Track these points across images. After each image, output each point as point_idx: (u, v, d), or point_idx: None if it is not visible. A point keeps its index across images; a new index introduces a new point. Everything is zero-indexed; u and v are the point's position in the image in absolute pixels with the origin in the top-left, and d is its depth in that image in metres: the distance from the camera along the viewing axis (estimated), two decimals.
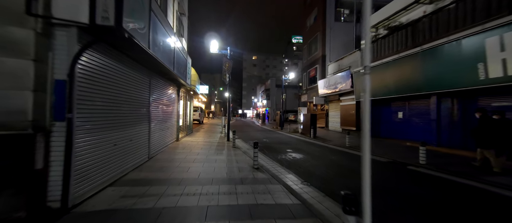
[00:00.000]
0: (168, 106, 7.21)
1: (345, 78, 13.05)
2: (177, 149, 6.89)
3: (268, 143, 9.43)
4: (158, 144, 6.14)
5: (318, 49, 19.57)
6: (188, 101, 11.20)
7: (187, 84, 8.03)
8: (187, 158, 5.76)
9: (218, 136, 11.31)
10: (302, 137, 11.82)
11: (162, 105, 6.47)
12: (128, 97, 4.23)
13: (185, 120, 10.45)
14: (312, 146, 8.99)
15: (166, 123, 6.99)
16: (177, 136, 8.39)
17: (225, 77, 9.05)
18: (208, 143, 8.51)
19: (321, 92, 16.41)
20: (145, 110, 5.16)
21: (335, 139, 11.00)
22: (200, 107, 22.64)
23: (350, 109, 13.16)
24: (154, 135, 5.74)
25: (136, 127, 4.66)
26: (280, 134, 13.89)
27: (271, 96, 36.99)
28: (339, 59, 15.08)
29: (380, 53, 10.19)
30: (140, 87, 4.80)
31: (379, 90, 10.07)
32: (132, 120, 4.45)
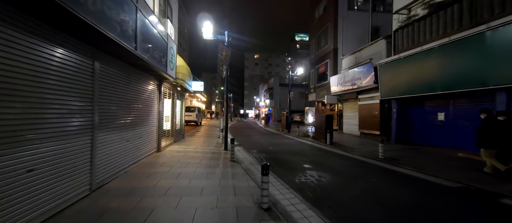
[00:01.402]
0: (142, 105, 5.24)
1: (366, 73, 10.99)
2: (152, 167, 4.90)
3: (276, 153, 7.42)
4: (117, 162, 4.16)
5: (328, 42, 17.50)
6: (177, 100, 9.23)
7: (171, 77, 6.05)
8: (160, 184, 3.77)
9: (215, 142, 9.32)
10: (315, 143, 9.79)
11: (127, 104, 4.49)
12: (44, 93, 2.27)
13: (173, 123, 8.48)
14: (334, 157, 6.95)
15: (138, 129, 5.02)
16: (159, 145, 6.41)
17: (222, 69, 7.06)
18: (199, 154, 6.52)
19: (333, 89, 14.35)
20: (88, 112, 3.18)
21: (357, 146, 8.94)
22: (198, 107, 20.71)
23: (372, 109, 11.09)
24: (107, 149, 3.76)
25: (59, 141, 2.68)
26: (288, 138, 11.87)
27: (274, 96, 34.97)
28: (356, 51, 13.01)
29: (417, 39, 8.11)
30: (70, 75, 2.83)
31: (416, 86, 7.99)
32: (49, 130, 2.48)
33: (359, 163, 6.17)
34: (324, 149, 8.37)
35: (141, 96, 5.16)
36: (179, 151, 6.88)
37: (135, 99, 4.85)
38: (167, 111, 8.14)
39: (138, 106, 5.02)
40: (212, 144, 8.58)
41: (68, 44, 2.80)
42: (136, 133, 4.96)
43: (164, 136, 7.31)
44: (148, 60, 4.08)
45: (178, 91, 8.83)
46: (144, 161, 5.29)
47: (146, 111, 5.52)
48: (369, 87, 10.96)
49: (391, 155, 6.86)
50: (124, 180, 3.89)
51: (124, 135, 4.43)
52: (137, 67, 4.75)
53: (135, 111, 4.90)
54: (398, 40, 8.99)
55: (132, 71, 4.66)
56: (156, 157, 5.75)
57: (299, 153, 7.44)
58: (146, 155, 5.54)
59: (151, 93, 5.86)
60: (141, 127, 5.24)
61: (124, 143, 4.41)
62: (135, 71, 4.81)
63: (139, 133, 5.13)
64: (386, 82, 9.57)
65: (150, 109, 5.79)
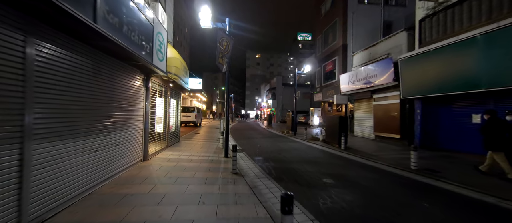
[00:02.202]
0: (120, 104, 4.12)
1: (383, 69, 9.83)
2: (129, 185, 3.77)
3: (285, 161, 6.27)
4: (75, 182, 3.04)
5: (337, 38, 16.36)
6: (172, 99, 8.12)
7: (160, 70, 4.93)
8: (131, 218, 2.64)
9: (214, 147, 8.20)
10: (327, 148, 8.63)
11: (94, 102, 3.37)
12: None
13: (166, 125, 7.36)
14: (355, 167, 5.80)
15: (113, 135, 3.90)
16: (145, 153, 5.29)
17: (221, 62, 5.93)
18: (194, 164, 5.40)
19: (344, 88, 13.19)
20: (12, 113, 2.07)
21: (376, 152, 7.78)
22: (197, 107, 19.60)
23: (390, 109, 9.92)
24: (54, 167, 2.65)
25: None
26: (295, 142, 10.72)
27: (277, 96, 33.82)
28: (370, 46, 11.85)
29: (451, 27, 6.94)
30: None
31: (449, 82, 6.83)
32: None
33: (390, 176, 5.01)
34: (340, 156, 7.21)
35: (118, 93, 4.05)
36: (170, 159, 5.76)
37: (108, 96, 3.73)
38: (160, 111, 7.03)
39: (113, 105, 3.90)
40: (210, 150, 7.46)
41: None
42: (110, 140, 3.83)
43: (154, 140, 6.19)
44: (118, 40, 2.95)
45: (172, 89, 7.71)
46: (123, 175, 4.17)
47: (127, 111, 4.40)
48: (387, 85, 9.81)
49: (424, 165, 5.69)
50: (80, 211, 2.76)
51: (90, 144, 3.30)
52: (110, 53, 3.63)
53: (109, 111, 3.78)
54: (425, 31, 7.83)
55: (104, 58, 3.54)
56: (139, 169, 4.62)
57: (312, 162, 6.29)
58: (126, 166, 4.42)
59: (135, 90, 4.75)
60: (119, 131, 4.12)
61: (90, 155, 3.29)
62: (109, 60, 3.70)
63: (116, 140, 4.01)
64: (409, 79, 8.41)
65: (133, 109, 4.67)
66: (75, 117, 2.99)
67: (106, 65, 3.64)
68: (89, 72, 3.21)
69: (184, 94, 26.11)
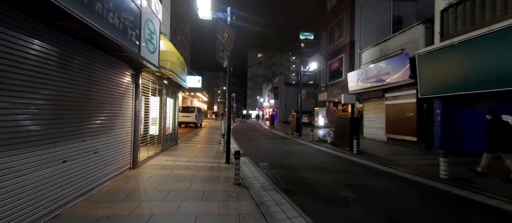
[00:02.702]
0: (102, 103, 3.46)
1: (398, 66, 9.09)
2: (108, 202, 3.10)
3: (294, 168, 5.57)
4: (33, 203, 2.38)
5: (344, 34, 15.61)
6: (169, 98, 7.46)
7: (150, 64, 4.25)
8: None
9: (214, 150, 7.52)
10: (338, 152, 7.91)
11: (64, 101, 2.70)
12: None
13: (162, 127, 6.70)
14: (375, 176, 5.07)
15: (91, 140, 3.23)
16: (134, 159, 4.62)
17: (222, 56, 5.24)
18: (191, 172, 4.72)
19: (352, 87, 12.45)
20: None
21: (393, 156, 7.04)
22: (198, 107, 18.96)
23: (405, 109, 9.17)
24: (3, 185, 1.99)
25: None
26: (301, 144, 10.01)
27: (279, 95, 33.08)
28: (381, 42, 11.10)
29: (480, 17, 6.19)
30: None
31: (480, 79, 6.08)
32: None
33: (419, 188, 4.29)
34: (353, 162, 6.49)
35: (99, 90, 3.38)
36: (164, 166, 5.08)
37: (85, 94, 3.06)
38: (154, 111, 6.37)
39: (92, 105, 3.23)
40: (210, 154, 6.78)
41: None
42: (87, 147, 3.16)
43: (146, 144, 5.52)
44: (87, 19, 2.27)
45: (168, 87, 7.04)
46: (104, 188, 3.49)
47: (110, 112, 3.73)
48: (401, 84, 9.06)
49: (453, 173, 4.95)
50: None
51: (59, 153, 2.64)
52: (85, 40, 2.95)
53: (85, 112, 3.11)
54: (449, 22, 7.08)
55: (77, 47, 2.87)
56: (125, 180, 3.94)
57: (324, 168, 5.58)
58: (109, 177, 3.75)
59: (121, 87, 4.08)
60: (99, 136, 3.44)
61: (58, 166, 2.62)
62: (85, 49, 3.02)
63: (94, 146, 3.34)
64: (428, 76, 7.66)
65: (118, 110, 4.00)
66: (39, 120, 2.33)
67: (81, 56, 2.97)
68: (56, 63, 2.55)
69: (184, 94, 25.48)
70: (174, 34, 33.75)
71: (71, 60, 2.81)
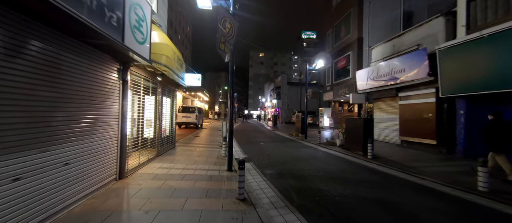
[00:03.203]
0: (75, 103, 2.79)
1: (414, 63, 8.36)
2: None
3: (307, 178, 4.87)
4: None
5: (351, 31, 14.88)
6: (165, 97, 6.80)
7: (139, 56, 3.58)
8: None
9: (215, 154, 6.85)
10: (350, 157, 7.20)
11: (13, 100, 2.03)
12: None
13: (157, 129, 6.03)
14: (401, 187, 4.37)
15: (57, 150, 2.57)
16: (121, 168, 3.95)
17: (223, 48, 4.56)
18: (187, 184, 4.04)
19: (361, 86, 11.72)
20: None
21: (413, 162, 6.32)
22: (198, 107, 18.31)
23: (422, 110, 8.44)
24: None
25: None
26: (308, 147, 9.31)
27: (282, 95, 32.37)
28: (394, 38, 10.38)
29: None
30: None
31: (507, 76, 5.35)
32: None
33: (463, 207, 3.58)
34: (370, 169, 5.79)
35: (70, 87, 2.71)
36: (157, 175, 4.40)
37: (50, 92, 2.39)
38: (148, 112, 5.72)
39: (59, 105, 2.57)
40: (211, 159, 6.11)
41: None
42: (52, 159, 2.50)
43: (138, 149, 4.85)
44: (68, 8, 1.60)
45: (164, 85, 6.37)
46: (77, 208, 2.82)
47: (88, 113, 3.06)
48: (418, 82, 8.33)
49: (492, 185, 4.22)
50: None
51: (7, 169, 1.97)
52: (50, 24, 2.29)
53: (50, 114, 2.44)
54: (477, 13, 6.36)
55: (36, 30, 2.21)
56: (107, 195, 3.27)
57: (340, 178, 4.88)
58: (86, 193, 3.08)
59: (104, 83, 3.41)
60: (71, 143, 2.78)
61: (6, 186, 1.95)
62: (51, 35, 2.36)
63: (64, 157, 2.67)
64: (451, 73, 6.93)
65: (100, 110, 3.33)
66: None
67: (39, 41, 2.30)
68: (2, 51, 1.88)
69: (184, 94, 24.86)
70: (175, 34, 33.15)
71: (24, 46, 2.14)
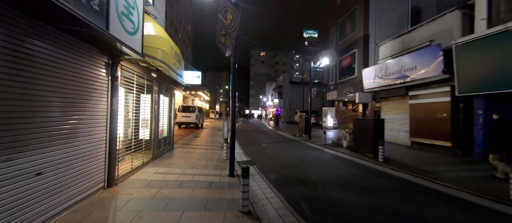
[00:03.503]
0: (49, 100, 2.37)
1: (427, 60, 7.88)
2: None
3: (317, 184, 4.42)
4: None
5: (357, 28, 14.40)
6: (163, 96, 6.38)
7: (129, 47, 3.15)
8: None
9: (216, 157, 6.42)
10: (360, 160, 6.75)
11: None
12: None
13: (153, 130, 5.61)
14: (423, 196, 3.92)
15: (26, 157, 2.14)
16: (110, 174, 3.53)
17: (224, 42, 4.13)
18: (184, 192, 3.61)
19: (368, 85, 11.25)
20: None
21: (430, 166, 5.86)
22: (199, 107, 17.90)
23: (436, 109, 7.96)
24: None
25: None
26: (314, 148, 8.87)
27: (284, 95, 31.91)
28: (404, 33, 9.90)
29: None
30: None
31: None
32: None
33: (495, 219, 3.12)
34: (385, 174, 5.33)
35: (43, 81, 2.28)
36: (151, 182, 3.98)
37: (12, 86, 1.97)
38: (144, 112, 5.29)
39: (29, 105, 2.14)
40: (211, 162, 5.68)
41: None
42: (19, 168, 2.07)
43: (132, 152, 4.43)
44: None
45: (160, 82, 5.95)
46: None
47: (68, 113, 2.64)
48: (431, 80, 7.86)
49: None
50: None
51: None
52: (19, 8, 1.86)
53: (17, 114, 2.01)
54: (500, 3, 5.88)
55: (8, 16, 1.78)
56: (90, 208, 2.84)
57: (354, 184, 4.43)
58: (66, 205, 2.66)
59: (89, 79, 2.99)
60: (45, 149, 2.35)
61: None
62: (13, 16, 1.93)
63: (36, 165, 2.25)
64: (469, 70, 6.46)
65: (82, 110, 2.91)
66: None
67: (6, 28, 1.87)
68: None
69: (185, 93, 24.47)
70: (176, 32, 32.76)
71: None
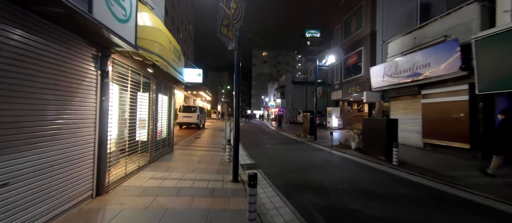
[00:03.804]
0: (21, 97, 1.97)
1: (442, 56, 7.41)
2: None
3: (330, 191, 3.99)
4: None
5: (363, 25, 13.92)
6: (161, 94, 5.99)
7: (119, 37, 2.76)
8: None
9: (218, 160, 6.02)
10: (372, 163, 6.30)
11: None
12: None
13: (150, 130, 5.21)
14: (453, 207, 3.47)
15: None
16: (100, 181, 3.13)
17: (226, 33, 3.72)
18: (183, 202, 3.21)
19: (377, 83, 10.79)
20: None
21: (447, 169, 5.40)
22: (200, 107, 17.53)
23: (452, 109, 7.48)
24: None
25: None
26: (320, 150, 8.43)
27: (286, 94, 31.44)
28: (415, 29, 9.43)
29: None
30: None
31: None
32: None
33: None
34: (403, 179, 4.88)
35: (12, 74, 1.89)
36: (146, 189, 3.57)
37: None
38: (142, 111, 4.91)
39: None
40: (213, 165, 5.28)
41: None
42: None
43: (126, 154, 4.03)
44: None
45: (159, 80, 5.55)
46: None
47: (45, 112, 2.25)
48: (446, 77, 7.38)
49: None
50: None
51: None
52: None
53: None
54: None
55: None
56: (73, 221, 2.44)
57: (371, 192, 4.00)
58: (45, 219, 2.26)
59: (73, 73, 2.60)
60: (16, 154, 1.95)
61: None
62: None
63: (2, 173, 1.85)
64: (490, 67, 5.99)
65: (67, 108, 2.52)
66: None
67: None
68: None
69: (187, 93, 24.14)
70: (177, 32, 32.47)
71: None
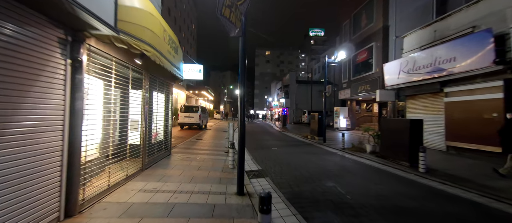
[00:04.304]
0: None
1: (470, 49, 6.63)
2: None
3: (354, 209, 3.27)
4: None
5: (374, 19, 13.13)
6: (157, 92, 5.33)
7: (90, 13, 2.10)
8: None
9: (221, 165, 5.34)
10: (394, 169, 5.57)
11: None
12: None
13: (142, 133, 4.55)
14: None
15: None
16: (70, 199, 2.47)
17: (229, 15, 3.05)
18: (175, 221, 2.52)
19: (391, 81, 10.01)
20: None
21: (486, 178, 4.66)
22: (202, 107, 16.90)
23: (481, 108, 6.69)
24: None
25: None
26: (332, 154, 7.69)
27: (290, 94, 30.68)
28: (436, 21, 8.65)
29: None
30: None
31: None
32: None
33: None
34: (440, 192, 4.14)
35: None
36: (132, 206, 2.90)
37: None
38: (136, 112, 4.27)
39: None
40: (214, 173, 4.59)
41: None
42: None
43: (110, 162, 3.36)
44: None
45: (153, 75, 4.89)
46: None
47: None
48: (476, 73, 6.60)
49: None
50: None
51: None
52: None
53: None
54: None
55: None
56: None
57: (409, 212, 3.28)
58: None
59: (31, 61, 1.93)
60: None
61: None
62: None
63: None
64: None
65: (18, 107, 1.85)
66: None
67: None
68: None
69: (189, 92, 23.55)
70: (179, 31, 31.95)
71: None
